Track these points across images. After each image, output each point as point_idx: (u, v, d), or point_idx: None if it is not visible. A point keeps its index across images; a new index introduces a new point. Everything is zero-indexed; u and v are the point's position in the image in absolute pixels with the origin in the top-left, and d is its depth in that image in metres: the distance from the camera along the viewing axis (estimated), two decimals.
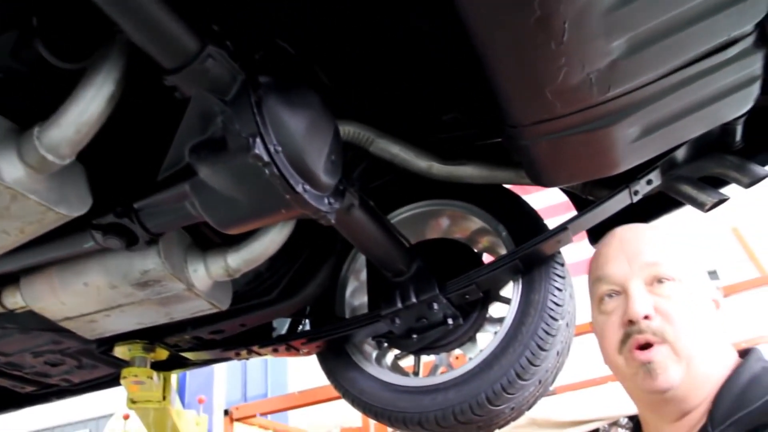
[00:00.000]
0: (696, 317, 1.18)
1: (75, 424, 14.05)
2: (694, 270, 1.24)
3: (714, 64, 1.40)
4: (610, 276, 1.26)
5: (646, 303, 1.18)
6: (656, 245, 1.25)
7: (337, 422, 6.16)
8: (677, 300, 1.18)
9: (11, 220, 1.42)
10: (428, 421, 2.02)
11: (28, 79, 1.37)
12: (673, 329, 1.16)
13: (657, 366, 1.15)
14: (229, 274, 1.84)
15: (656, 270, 1.21)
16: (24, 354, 2.41)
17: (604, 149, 1.57)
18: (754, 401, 1.07)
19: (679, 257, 1.24)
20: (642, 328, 1.17)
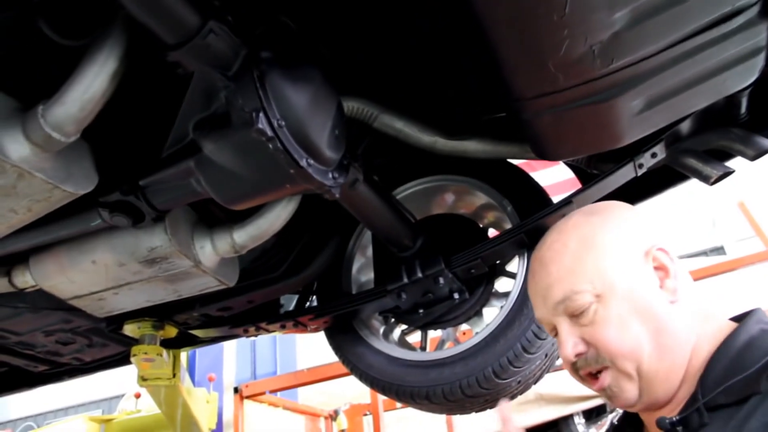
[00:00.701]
0: (626, 326, 1.12)
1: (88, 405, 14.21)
2: (614, 264, 1.16)
3: (718, 35, 1.39)
4: (541, 320, 1.24)
5: (571, 343, 1.15)
6: (558, 275, 1.18)
7: (346, 399, 6.20)
8: (599, 322, 1.13)
9: (18, 199, 1.43)
10: (436, 395, 2.04)
11: (31, 57, 1.37)
12: (607, 354, 1.12)
13: (611, 390, 1.14)
14: (236, 251, 1.85)
15: (567, 306, 1.16)
16: (35, 333, 2.44)
17: (607, 122, 1.56)
18: (749, 366, 1.02)
19: (588, 270, 1.16)
20: (581, 365, 1.16)
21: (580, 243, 1.19)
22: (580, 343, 1.15)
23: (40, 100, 1.33)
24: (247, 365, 6.56)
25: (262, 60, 1.36)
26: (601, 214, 1.24)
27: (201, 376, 5.81)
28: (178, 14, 1.21)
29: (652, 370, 1.11)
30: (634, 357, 1.11)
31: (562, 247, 1.21)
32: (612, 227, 1.20)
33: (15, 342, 2.48)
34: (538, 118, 1.57)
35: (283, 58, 1.42)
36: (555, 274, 1.19)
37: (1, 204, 1.43)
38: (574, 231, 1.22)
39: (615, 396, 1.14)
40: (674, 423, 1.07)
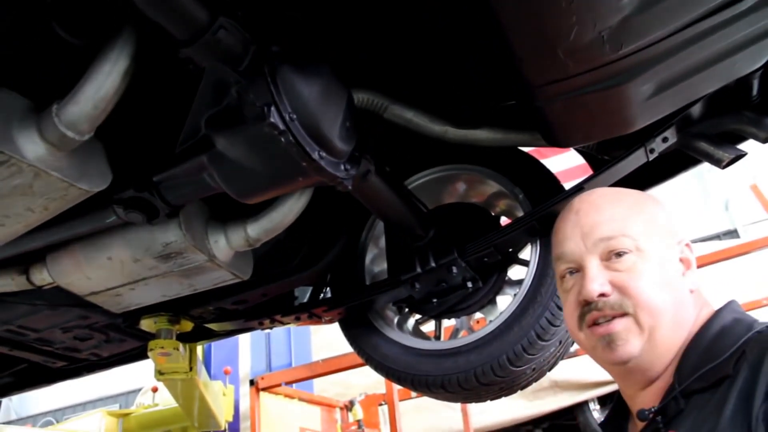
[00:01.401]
0: (658, 286, 1.15)
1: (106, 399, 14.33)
2: (656, 235, 1.21)
3: (728, 17, 1.38)
4: (566, 254, 1.24)
5: (600, 282, 1.16)
6: (612, 217, 1.22)
7: (361, 389, 6.23)
8: (636, 271, 1.16)
9: (35, 198, 1.45)
10: (451, 384, 2.05)
11: (43, 57, 1.38)
12: (632, 302, 1.14)
13: (617, 337, 1.15)
14: (250, 244, 1.87)
15: (611, 244, 1.18)
16: (53, 330, 2.46)
17: (618, 108, 1.56)
18: (722, 353, 1.07)
19: (637, 226, 1.20)
20: (598, 306, 1.16)
21: (634, 202, 1.24)
22: (607, 284, 1.17)
23: (53, 100, 1.35)
24: (262, 358, 6.59)
25: (272, 55, 1.37)
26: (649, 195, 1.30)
27: (217, 369, 5.85)
28: (189, 11, 1.22)
29: (662, 336, 1.14)
30: (657, 314, 1.14)
31: (617, 197, 1.26)
32: (658, 205, 1.26)
33: (34, 339, 2.51)
34: (548, 105, 1.57)
35: (293, 52, 1.43)
36: (607, 215, 1.22)
37: (18, 203, 1.45)
38: (629, 193, 1.27)
39: (617, 346, 1.15)
40: (653, 413, 1.11)
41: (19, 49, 1.34)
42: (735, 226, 10.85)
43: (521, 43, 1.37)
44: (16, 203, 1.45)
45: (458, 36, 1.73)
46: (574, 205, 1.29)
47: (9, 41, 1.31)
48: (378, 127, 1.99)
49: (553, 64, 1.39)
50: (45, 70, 1.41)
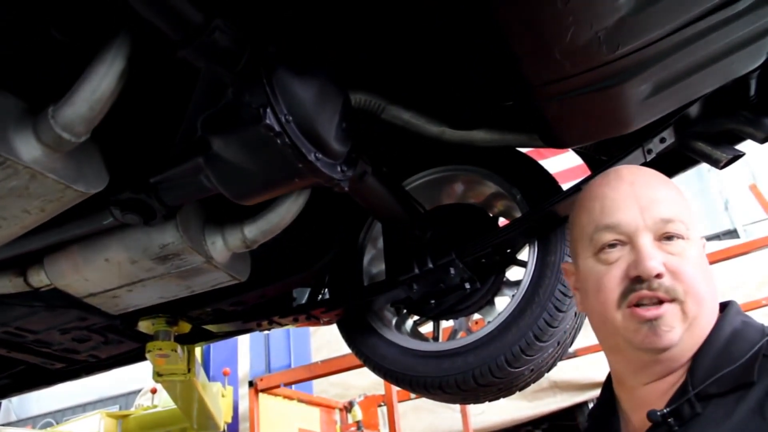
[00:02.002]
0: (702, 277, 1.12)
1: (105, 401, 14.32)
2: (696, 226, 1.18)
3: (725, 18, 1.38)
4: (619, 225, 1.15)
5: (659, 260, 1.10)
6: (668, 198, 1.16)
7: (360, 390, 6.22)
8: (687, 257, 1.12)
9: (31, 200, 1.45)
10: (449, 385, 2.05)
11: (39, 59, 1.38)
12: (683, 288, 1.09)
13: (664, 323, 1.08)
14: (247, 246, 1.86)
15: (669, 227, 1.12)
16: (52, 331, 2.46)
17: (615, 108, 1.56)
18: (737, 358, 1.03)
19: (687, 213, 1.17)
20: (653, 286, 1.09)
21: (678, 190, 1.20)
22: (662, 264, 1.10)
23: (49, 102, 1.35)
24: (262, 359, 6.59)
25: (268, 56, 1.37)
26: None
27: (216, 370, 5.84)
28: (184, 12, 1.22)
29: (701, 327, 1.10)
30: (702, 303, 1.10)
31: (665, 179, 1.21)
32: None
33: (32, 340, 2.51)
34: (546, 105, 1.57)
35: (289, 53, 1.43)
36: (665, 194, 1.17)
37: (15, 205, 1.45)
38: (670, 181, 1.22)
39: (663, 332, 1.08)
40: (665, 415, 1.06)
41: (15, 50, 1.34)
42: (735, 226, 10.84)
43: (518, 43, 1.37)
44: (12, 205, 1.45)
45: (456, 36, 1.73)
46: (625, 176, 1.20)
47: (6, 42, 1.31)
48: (375, 128, 1.99)
49: (549, 64, 1.39)
50: (41, 72, 1.41)
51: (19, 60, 1.37)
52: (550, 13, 1.23)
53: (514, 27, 1.32)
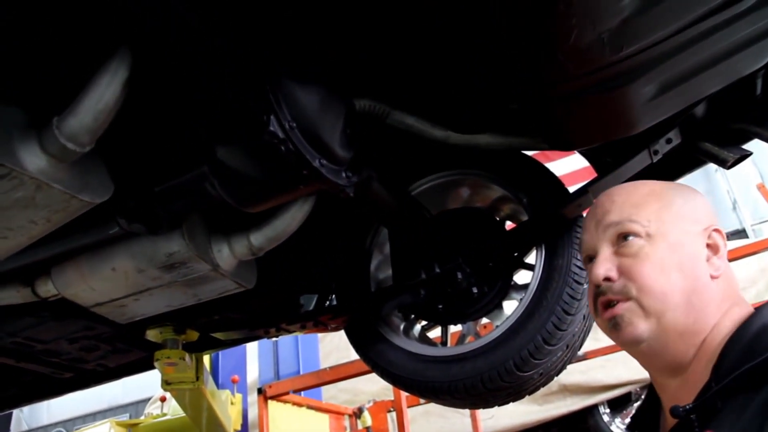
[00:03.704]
0: (666, 271, 1.15)
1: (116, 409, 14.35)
2: (671, 220, 1.20)
3: (729, 17, 1.38)
4: (584, 243, 1.28)
5: (606, 266, 1.19)
6: (623, 204, 1.23)
7: (369, 396, 6.21)
8: (641, 256, 1.17)
9: (37, 210, 1.45)
10: (458, 390, 2.04)
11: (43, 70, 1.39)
12: (635, 286, 1.15)
13: (620, 320, 1.16)
14: (253, 253, 1.86)
15: (619, 228, 1.20)
16: (60, 341, 2.47)
17: (620, 110, 1.56)
18: (762, 352, 1.02)
19: (649, 211, 1.21)
20: (603, 290, 1.18)
21: (650, 192, 1.25)
22: (613, 269, 1.18)
23: (53, 113, 1.35)
24: (270, 366, 6.58)
25: (272, 63, 1.37)
26: (676, 185, 1.30)
27: (225, 378, 5.84)
28: None
29: (673, 320, 1.14)
30: (662, 299, 1.14)
31: (633, 189, 1.27)
32: (682, 195, 1.26)
33: (41, 350, 2.52)
34: (550, 108, 1.57)
35: (292, 60, 1.43)
36: (618, 203, 1.24)
37: (21, 215, 1.45)
38: (648, 184, 1.28)
39: (620, 327, 1.16)
40: (687, 411, 1.07)
41: (18, 62, 1.34)
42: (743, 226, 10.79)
43: (521, 46, 1.36)
44: (18, 216, 1.45)
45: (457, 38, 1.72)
46: (598, 199, 1.31)
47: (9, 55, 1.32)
48: (380, 133, 1.98)
49: (553, 67, 1.39)
50: (44, 84, 1.41)
51: (22, 72, 1.37)
52: (552, 15, 1.23)
53: (517, 29, 1.32)
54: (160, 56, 1.31)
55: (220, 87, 1.37)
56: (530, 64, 1.43)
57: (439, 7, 1.56)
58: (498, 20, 1.30)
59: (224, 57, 1.31)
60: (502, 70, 1.59)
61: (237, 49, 1.32)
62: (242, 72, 1.35)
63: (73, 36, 1.31)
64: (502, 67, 1.54)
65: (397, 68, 1.84)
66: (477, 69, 1.82)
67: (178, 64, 1.31)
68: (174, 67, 1.32)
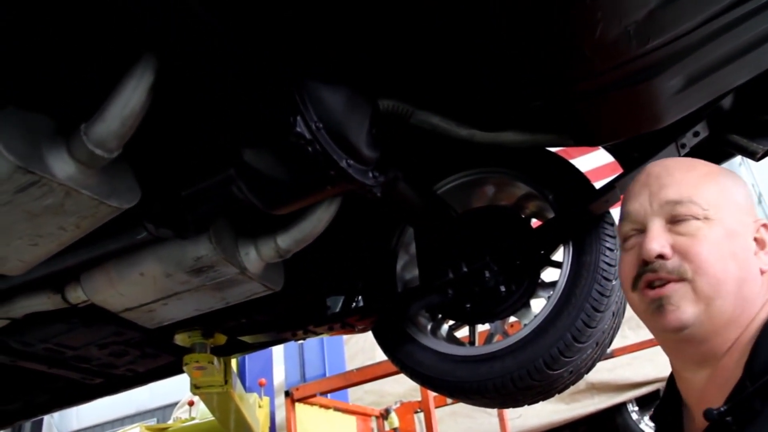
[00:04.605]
0: (722, 256, 1.10)
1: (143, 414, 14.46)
2: (727, 208, 1.15)
3: (756, 7, 1.36)
4: (631, 213, 1.20)
5: (661, 242, 1.12)
6: (683, 182, 1.17)
7: (396, 397, 6.21)
8: (700, 237, 1.11)
9: (66, 216, 1.46)
10: (487, 389, 2.03)
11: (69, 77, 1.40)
12: (691, 267, 1.09)
13: (668, 302, 1.10)
14: (281, 255, 1.87)
15: (678, 208, 1.14)
16: (90, 347, 2.49)
17: (646, 103, 1.54)
18: None
19: (708, 194, 1.15)
20: (655, 268, 1.12)
21: (708, 173, 1.19)
22: (668, 246, 1.12)
23: (80, 119, 1.36)
24: (297, 368, 6.60)
25: (297, 64, 1.37)
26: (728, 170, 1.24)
27: (252, 381, 5.86)
28: None
29: (722, 308, 1.09)
30: (717, 283, 1.09)
31: (691, 166, 1.21)
32: (735, 181, 1.21)
33: (71, 356, 2.54)
34: (576, 103, 1.56)
35: (317, 61, 1.43)
36: (678, 179, 1.17)
37: (51, 222, 1.46)
38: (703, 164, 1.22)
39: (667, 310, 1.10)
40: (722, 413, 1.02)
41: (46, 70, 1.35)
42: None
43: (546, 41, 1.35)
44: (48, 223, 1.47)
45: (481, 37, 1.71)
46: (647, 168, 1.24)
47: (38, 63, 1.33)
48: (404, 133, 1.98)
49: (579, 61, 1.38)
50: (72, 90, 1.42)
51: (49, 79, 1.38)
52: (578, 9, 1.22)
53: (542, 25, 1.31)
54: (184, 60, 1.31)
55: (246, 90, 1.37)
56: (555, 59, 1.41)
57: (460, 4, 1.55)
58: (522, 16, 1.29)
59: (249, 60, 1.31)
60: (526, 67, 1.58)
61: (262, 52, 1.32)
62: (267, 74, 1.35)
63: (98, 42, 1.31)
64: (525, 64, 1.53)
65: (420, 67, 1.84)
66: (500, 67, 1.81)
67: (202, 68, 1.31)
68: (199, 71, 1.32)
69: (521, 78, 1.77)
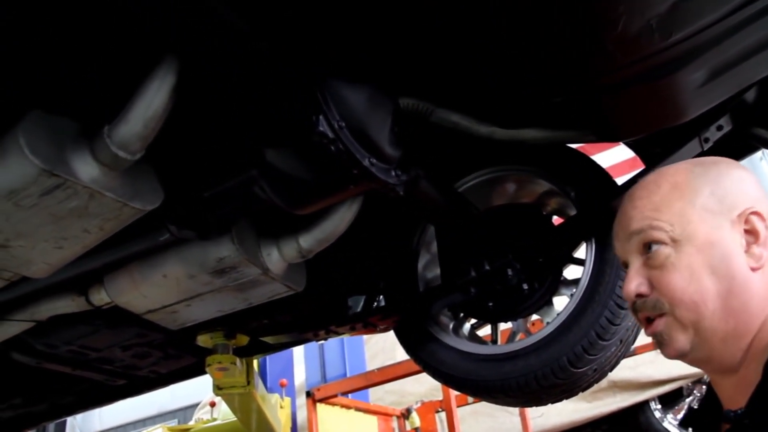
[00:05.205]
0: (696, 278, 1.07)
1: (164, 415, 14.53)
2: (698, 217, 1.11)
3: None
4: (616, 251, 1.22)
5: (636, 281, 1.12)
6: (645, 207, 1.15)
7: (416, 397, 6.20)
8: (668, 267, 1.09)
9: (90, 219, 1.47)
10: (510, 388, 2.02)
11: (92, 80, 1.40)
12: (666, 300, 1.09)
13: (661, 337, 1.11)
14: (303, 256, 1.87)
15: (642, 237, 1.12)
16: (113, 348, 2.51)
17: (669, 98, 1.53)
18: None
19: (672, 212, 1.12)
20: (638, 307, 1.13)
21: (672, 186, 1.15)
22: (644, 284, 1.12)
23: (102, 122, 1.37)
24: (317, 369, 6.62)
25: (318, 63, 1.37)
26: (704, 166, 1.18)
27: (273, 382, 5.89)
28: None
29: (711, 328, 1.07)
30: (694, 309, 1.07)
31: (655, 187, 1.17)
32: (711, 180, 1.14)
33: (95, 358, 2.56)
34: (597, 99, 1.54)
35: (339, 60, 1.43)
36: (639, 208, 1.16)
37: (75, 225, 1.47)
38: (671, 175, 1.18)
39: (664, 344, 1.11)
40: (739, 416, 1.03)
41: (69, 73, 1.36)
42: None
43: (568, 36, 1.34)
44: (73, 225, 1.48)
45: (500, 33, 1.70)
46: (622, 202, 1.22)
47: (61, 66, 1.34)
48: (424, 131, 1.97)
49: (601, 56, 1.36)
50: (94, 93, 1.43)
51: (72, 82, 1.39)
52: (601, 3, 1.21)
53: (563, 19, 1.30)
54: (206, 61, 1.31)
55: (268, 89, 1.37)
56: (576, 54, 1.40)
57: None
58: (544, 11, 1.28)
59: (271, 59, 1.31)
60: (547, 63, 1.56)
61: (283, 51, 1.32)
62: (289, 73, 1.35)
63: (120, 44, 1.32)
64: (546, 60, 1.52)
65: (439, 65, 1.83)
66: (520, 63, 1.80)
67: (225, 69, 1.31)
68: (221, 72, 1.32)
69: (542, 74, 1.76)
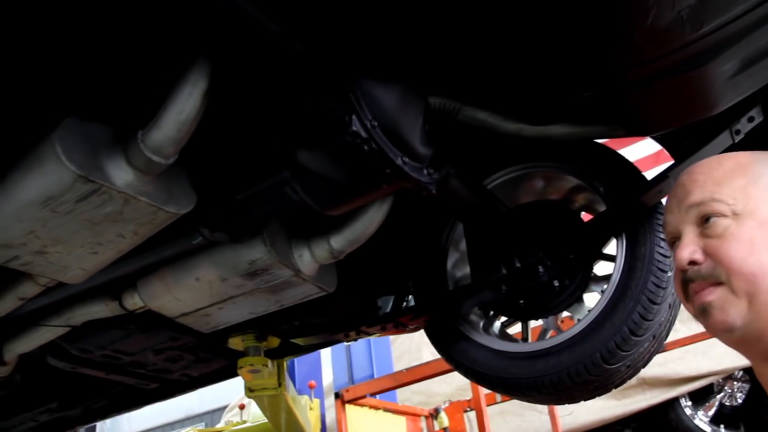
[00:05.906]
0: (756, 250, 1.07)
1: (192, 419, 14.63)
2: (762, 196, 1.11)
3: None
4: (667, 225, 1.21)
5: (690, 248, 1.12)
6: (706, 182, 1.15)
7: (444, 397, 6.19)
8: (728, 236, 1.09)
9: (125, 224, 1.49)
10: (544, 385, 2.01)
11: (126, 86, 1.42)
12: (723, 269, 1.08)
13: (710, 306, 1.09)
14: (334, 257, 1.87)
15: (702, 209, 1.13)
16: (146, 352, 2.53)
17: (700, 90, 1.51)
18: None
19: (734, 188, 1.12)
20: (690, 276, 1.12)
21: (735, 166, 1.16)
22: (698, 251, 1.12)
23: (135, 127, 1.38)
24: (344, 370, 6.63)
25: (350, 63, 1.37)
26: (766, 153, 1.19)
27: (301, 383, 5.90)
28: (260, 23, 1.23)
29: (766, 304, 1.06)
30: (753, 280, 1.06)
31: (717, 164, 1.19)
32: None
33: (128, 362, 2.58)
34: (627, 92, 1.53)
35: (370, 60, 1.43)
36: (700, 182, 1.16)
37: (110, 230, 1.49)
38: (733, 157, 1.19)
39: (712, 316, 1.09)
40: None
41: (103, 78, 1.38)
42: None
43: (597, 30, 1.34)
44: (107, 230, 1.49)
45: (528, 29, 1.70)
46: (680, 178, 1.24)
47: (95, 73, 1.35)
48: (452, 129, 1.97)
49: (630, 50, 1.36)
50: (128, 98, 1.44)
51: (106, 88, 1.41)
52: None
53: (593, 13, 1.29)
54: (238, 64, 1.32)
55: (300, 91, 1.38)
56: (606, 48, 1.39)
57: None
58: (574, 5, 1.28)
59: (302, 60, 1.32)
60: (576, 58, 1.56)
61: (314, 52, 1.33)
62: (321, 74, 1.36)
63: (152, 49, 1.33)
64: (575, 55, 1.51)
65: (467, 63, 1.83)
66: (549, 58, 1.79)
67: (257, 71, 1.32)
68: (252, 74, 1.33)
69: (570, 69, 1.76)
